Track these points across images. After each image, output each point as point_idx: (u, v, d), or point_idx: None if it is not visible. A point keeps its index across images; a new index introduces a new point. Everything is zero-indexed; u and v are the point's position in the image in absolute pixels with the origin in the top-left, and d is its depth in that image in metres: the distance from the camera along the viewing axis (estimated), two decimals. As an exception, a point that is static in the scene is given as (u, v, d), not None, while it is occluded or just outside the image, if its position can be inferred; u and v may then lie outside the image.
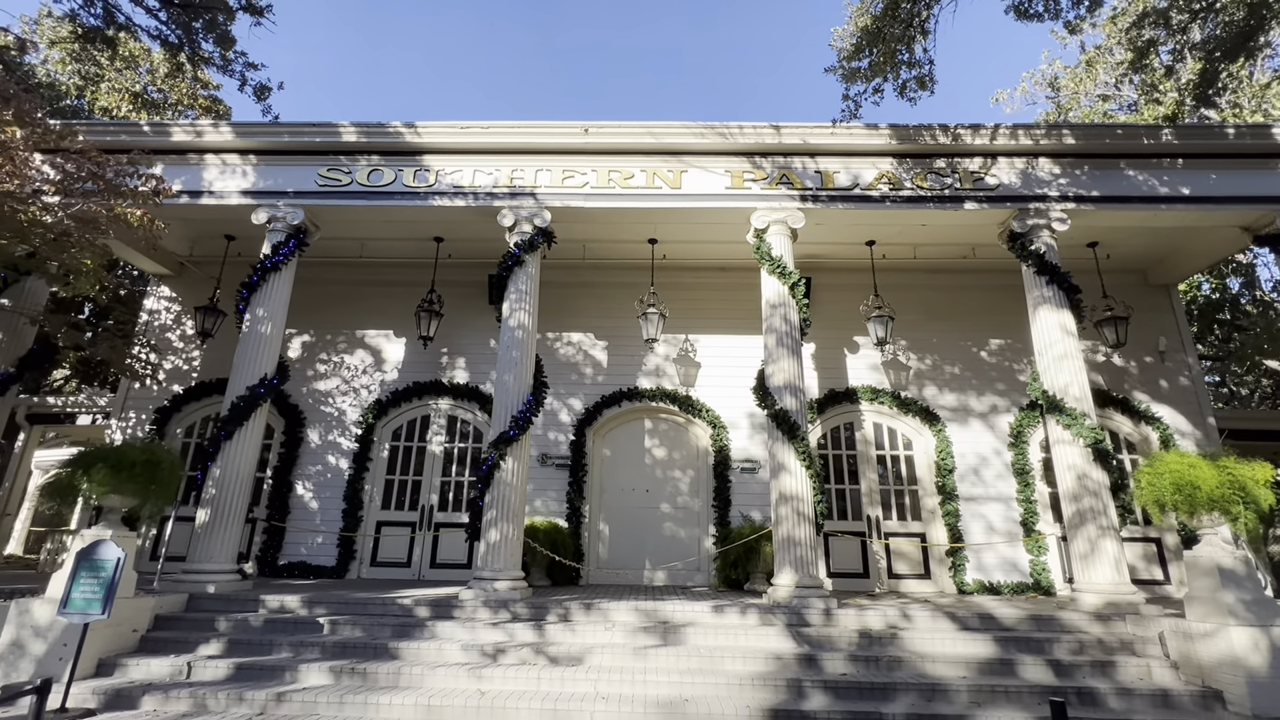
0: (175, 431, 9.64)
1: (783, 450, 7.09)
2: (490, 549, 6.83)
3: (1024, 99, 17.79)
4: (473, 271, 9.88)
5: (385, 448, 9.59)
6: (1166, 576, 8.67)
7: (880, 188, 8.02)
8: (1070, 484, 6.94)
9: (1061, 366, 7.32)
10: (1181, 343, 9.66)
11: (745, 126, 8.05)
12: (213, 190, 8.37)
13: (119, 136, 8.32)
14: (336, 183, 8.30)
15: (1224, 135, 8.02)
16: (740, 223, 8.30)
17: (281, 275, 8.02)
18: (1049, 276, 7.66)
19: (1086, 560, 6.67)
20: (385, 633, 5.97)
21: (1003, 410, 9.47)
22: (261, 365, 7.60)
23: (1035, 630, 6.03)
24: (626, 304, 9.56)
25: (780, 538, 6.89)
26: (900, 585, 8.75)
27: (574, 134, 8.17)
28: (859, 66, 6.95)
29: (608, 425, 9.65)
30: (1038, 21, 7.45)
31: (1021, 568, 8.65)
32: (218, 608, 6.39)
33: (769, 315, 7.72)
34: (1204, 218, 8.11)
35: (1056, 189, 8.01)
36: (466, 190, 8.19)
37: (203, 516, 7.01)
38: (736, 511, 8.97)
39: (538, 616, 6.22)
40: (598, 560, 9.08)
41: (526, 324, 7.66)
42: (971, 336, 9.83)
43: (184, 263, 10.19)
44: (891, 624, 6.16)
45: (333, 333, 10.14)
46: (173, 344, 10.11)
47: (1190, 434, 9.18)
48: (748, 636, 5.91)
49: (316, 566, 8.85)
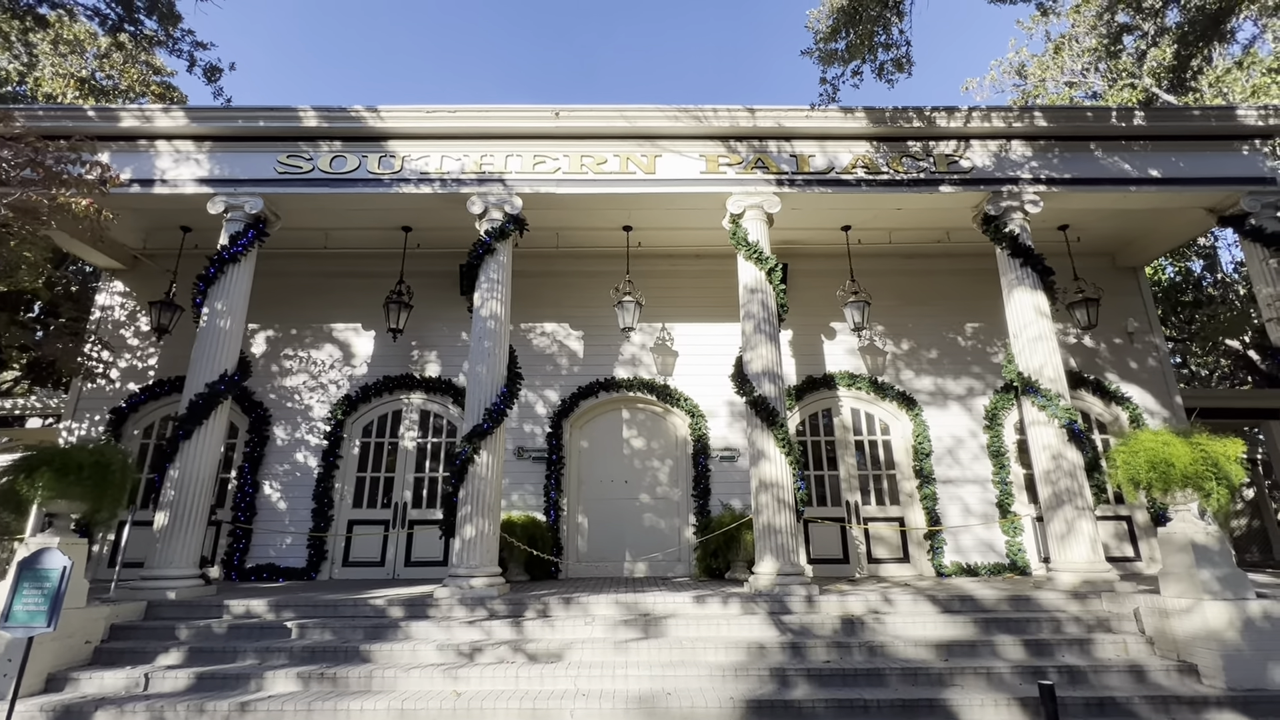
0: (133, 432, 9.23)
1: (762, 438, 7.01)
2: (465, 545, 6.65)
3: (993, 87, 17.95)
4: (443, 262, 9.61)
5: (356, 444, 9.30)
6: (1137, 553, 8.84)
7: (857, 171, 7.96)
8: (1046, 464, 6.99)
9: (1036, 348, 7.35)
10: (1149, 324, 9.82)
11: (720, 110, 7.91)
12: (165, 179, 7.97)
13: (61, 122, 7.84)
14: (297, 170, 7.96)
15: (1190, 117, 8.11)
16: (716, 208, 8.18)
17: (241, 267, 7.69)
18: (1023, 259, 7.68)
19: (1063, 540, 6.73)
20: (357, 635, 5.76)
21: (978, 393, 9.54)
22: (221, 361, 7.28)
23: (1014, 611, 6.06)
24: (601, 293, 9.39)
25: (761, 525, 6.82)
26: (880, 570, 8.77)
27: (545, 118, 7.95)
28: (836, 49, 6.85)
29: (585, 416, 9.49)
30: (1010, 4, 7.42)
31: (998, 549, 8.74)
32: (179, 615, 6.12)
33: (746, 301, 7.62)
34: (1171, 199, 8.21)
35: (1029, 171, 8.03)
36: (434, 177, 7.93)
37: (161, 520, 6.70)
38: (716, 500, 8.90)
39: (516, 613, 6.07)
40: (577, 554, 8.94)
41: (499, 314, 7.46)
42: (947, 320, 9.86)
43: (137, 256, 9.74)
44: (873, 609, 6.14)
45: (299, 327, 9.79)
46: (127, 341, 9.66)
47: (1159, 413, 9.34)
48: (730, 626, 5.84)
49: (286, 569, 8.56)
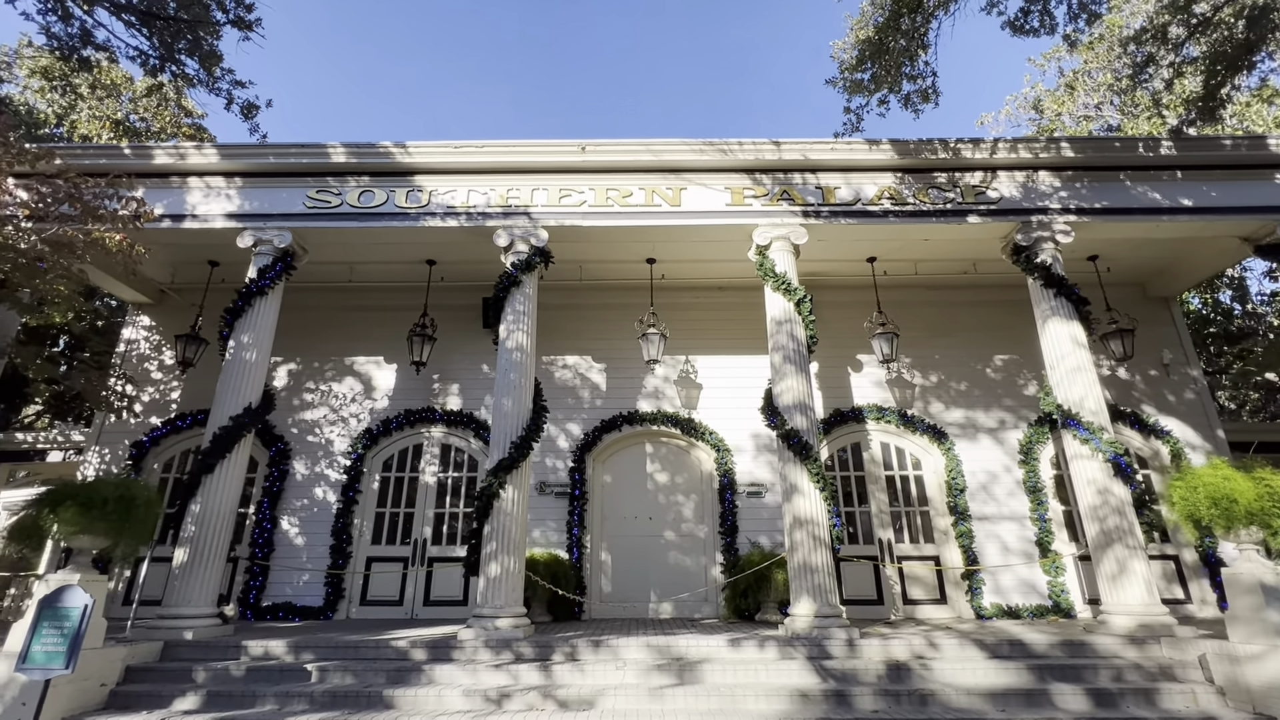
0: (153, 466, 9.15)
1: (795, 472, 6.81)
2: (490, 584, 6.43)
3: (1008, 121, 18.09)
4: (465, 295, 9.63)
5: (375, 479, 9.17)
6: (1187, 595, 8.43)
7: (883, 202, 7.92)
8: (1092, 500, 6.71)
9: (1075, 379, 7.15)
10: (1185, 355, 9.58)
11: (745, 143, 7.94)
12: (196, 214, 8.08)
13: (98, 160, 7.99)
14: (325, 204, 8.05)
15: (1221, 146, 8.04)
16: (741, 240, 8.15)
17: (268, 300, 7.71)
18: (1056, 289, 7.55)
19: (1115, 581, 6.41)
20: (379, 679, 5.53)
21: (1010, 426, 9.29)
22: (246, 394, 7.23)
23: (1068, 657, 5.74)
24: (624, 325, 9.33)
25: (796, 564, 6.56)
26: (916, 611, 8.41)
27: (571, 152, 8.02)
28: (861, 79, 6.90)
29: (608, 450, 9.32)
30: (1033, 37, 7.48)
31: (1040, 589, 8.37)
32: (196, 656, 5.92)
33: (774, 333, 7.50)
34: (1205, 228, 8.08)
35: (1058, 201, 7.96)
36: (460, 210, 7.98)
37: (181, 556, 6.55)
38: (744, 538, 8.63)
39: (543, 656, 5.82)
40: (600, 593, 8.66)
41: (525, 346, 7.39)
42: (974, 352, 9.69)
43: (165, 290, 9.83)
44: (918, 653, 5.84)
45: (320, 360, 9.77)
46: (151, 375, 9.67)
47: (1200, 447, 9.03)
48: (768, 672, 5.56)
49: (303, 607, 8.34)
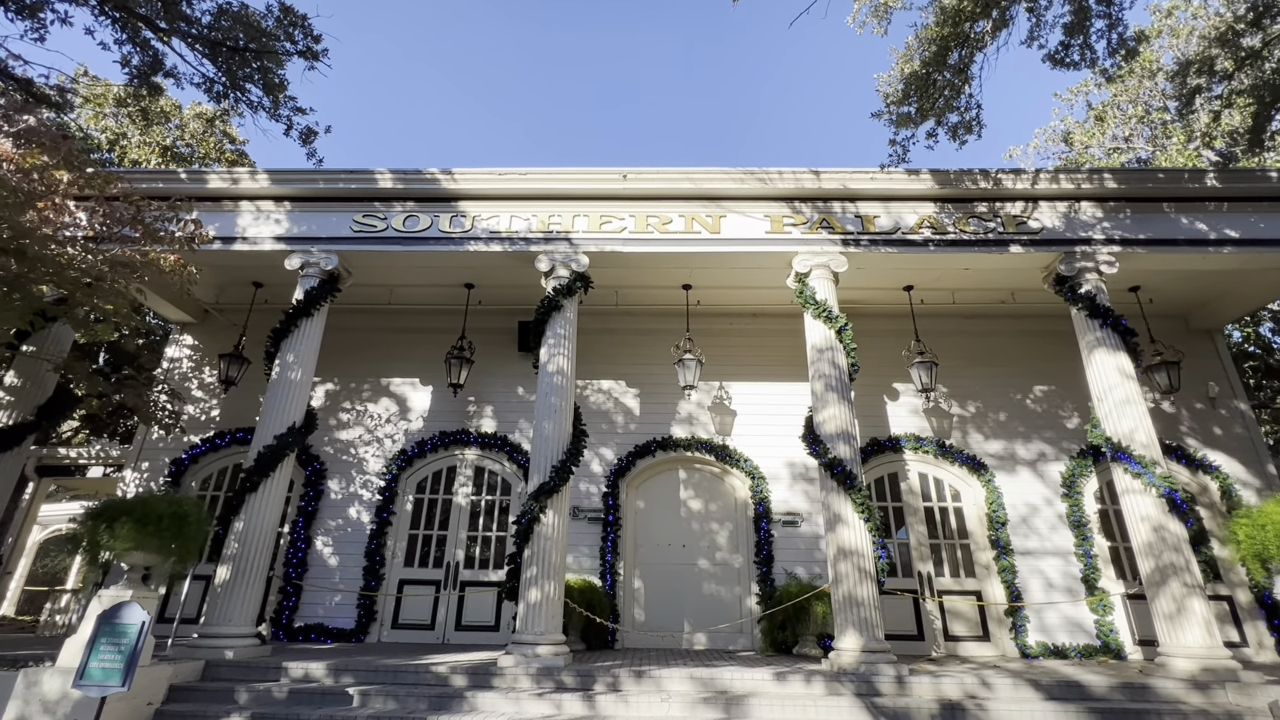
0: (191, 484, 9.25)
1: (838, 501, 6.72)
2: (530, 610, 6.37)
3: (1037, 154, 18.12)
4: (501, 319, 9.74)
5: (409, 500, 9.18)
6: (1244, 638, 8.11)
7: (923, 231, 7.93)
8: (1146, 537, 6.53)
9: (1125, 412, 7.01)
10: (1232, 389, 9.38)
11: (785, 172, 8.02)
12: (246, 236, 8.29)
13: (155, 184, 8.29)
14: (371, 228, 8.22)
15: (1266, 178, 7.97)
16: (779, 267, 8.18)
17: (313, 321, 7.85)
18: (1102, 320, 7.46)
19: (1172, 621, 6.19)
20: (421, 705, 5.46)
21: (1051, 458, 9.11)
22: (290, 413, 7.32)
23: (1129, 701, 5.53)
24: (658, 350, 9.35)
25: (841, 597, 6.43)
26: (958, 648, 8.18)
27: (613, 180, 8.14)
28: (907, 111, 6.98)
29: (641, 476, 9.26)
30: (1074, 70, 7.53)
31: (1087, 628, 8.11)
32: (237, 676, 5.90)
33: (815, 360, 7.48)
34: (1252, 260, 7.98)
35: (1101, 232, 7.91)
36: (503, 235, 8.11)
37: (223, 574, 6.58)
38: (780, 568, 8.49)
39: (585, 685, 5.73)
40: (634, 621, 8.53)
41: (565, 369, 7.42)
42: (1013, 382, 9.57)
43: (209, 310, 10.05)
44: (970, 693, 5.66)
45: (357, 381, 9.89)
46: (192, 393, 9.84)
47: (1250, 483, 8.79)
48: (816, 709, 5.41)
49: (335, 629, 8.30)
